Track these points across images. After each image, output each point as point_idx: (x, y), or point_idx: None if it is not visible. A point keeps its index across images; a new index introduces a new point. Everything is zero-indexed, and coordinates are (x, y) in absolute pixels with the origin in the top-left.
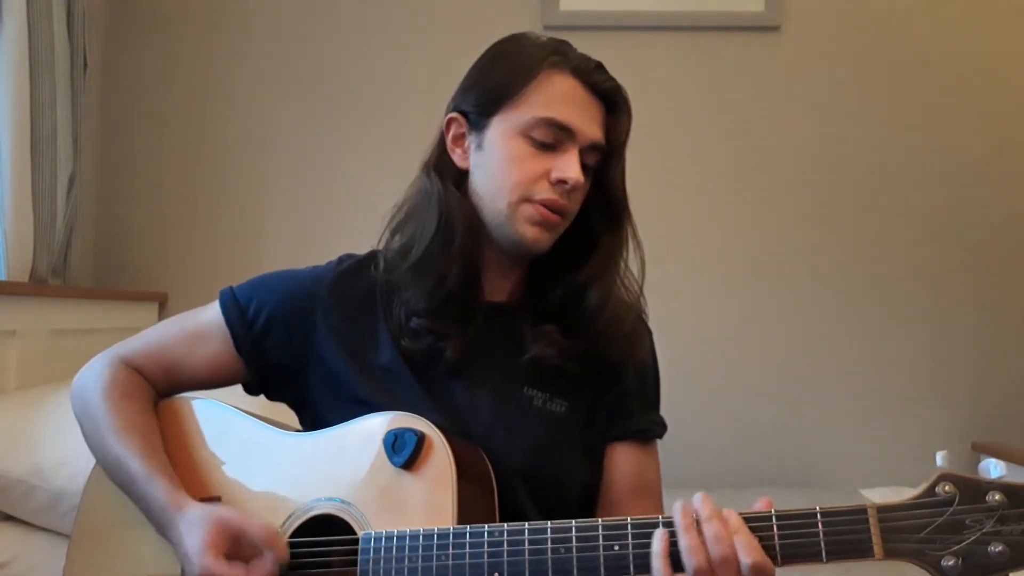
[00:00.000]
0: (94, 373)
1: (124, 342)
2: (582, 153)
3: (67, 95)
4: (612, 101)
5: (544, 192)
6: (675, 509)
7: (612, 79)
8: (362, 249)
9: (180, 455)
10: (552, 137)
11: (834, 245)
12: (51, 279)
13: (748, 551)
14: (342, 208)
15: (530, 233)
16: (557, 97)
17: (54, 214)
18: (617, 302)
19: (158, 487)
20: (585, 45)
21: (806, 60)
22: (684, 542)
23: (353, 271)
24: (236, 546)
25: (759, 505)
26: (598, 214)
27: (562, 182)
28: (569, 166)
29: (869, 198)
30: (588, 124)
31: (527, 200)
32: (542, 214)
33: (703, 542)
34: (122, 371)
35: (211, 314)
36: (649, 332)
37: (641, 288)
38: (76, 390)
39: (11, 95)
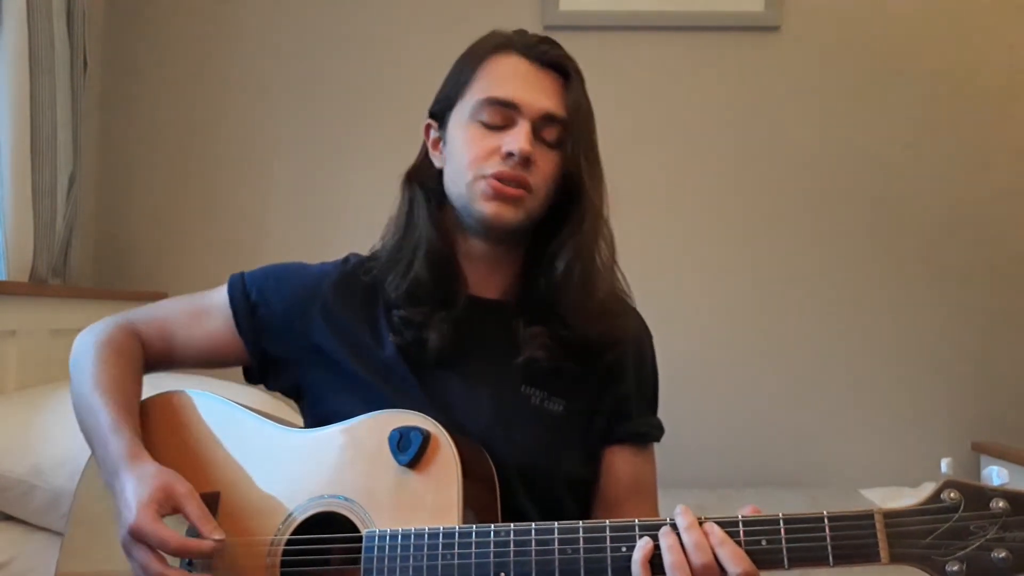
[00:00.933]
0: (95, 330)
1: (133, 310)
2: (537, 127)
3: (67, 95)
4: (564, 71)
5: (494, 166)
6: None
7: (556, 48)
8: (362, 247)
9: (182, 449)
10: (500, 117)
11: (834, 245)
12: (51, 279)
13: (736, 561)
14: (341, 208)
15: (489, 208)
16: (500, 77)
17: (54, 214)
18: (589, 275)
19: (122, 436)
20: (585, 45)
21: (806, 60)
22: (668, 559)
23: (357, 269)
24: (174, 515)
25: (745, 511)
26: (562, 189)
27: (509, 154)
28: (516, 138)
29: (869, 198)
30: (534, 96)
31: (480, 177)
32: (494, 187)
33: (686, 554)
34: (121, 333)
35: (218, 294)
36: (649, 334)
37: (614, 261)
38: (75, 345)
39: (11, 95)
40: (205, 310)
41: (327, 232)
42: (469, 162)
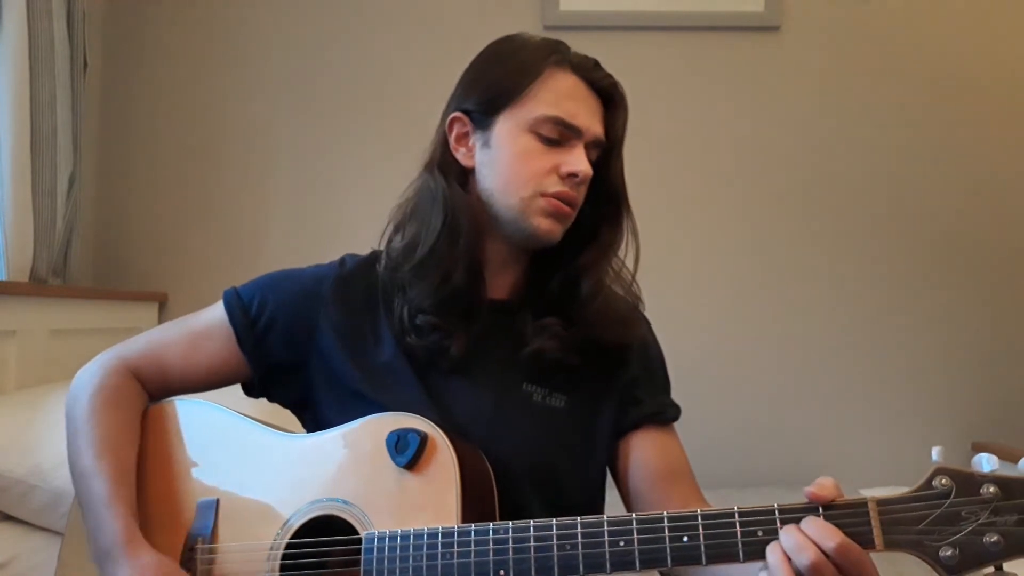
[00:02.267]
0: (88, 375)
1: (127, 341)
2: (586, 148)
3: (67, 95)
4: (610, 97)
5: (555, 185)
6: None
7: (610, 76)
8: (362, 248)
9: (179, 458)
10: (558, 133)
11: (834, 245)
12: (51, 279)
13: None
14: (341, 208)
15: (544, 225)
16: (562, 94)
17: (54, 214)
18: (609, 290)
19: (116, 515)
20: (585, 45)
21: (806, 60)
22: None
23: (355, 271)
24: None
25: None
26: (598, 207)
27: (573, 175)
28: (579, 160)
29: (869, 198)
30: (591, 121)
31: (540, 194)
32: (555, 206)
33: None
34: (115, 376)
35: (214, 313)
36: (647, 321)
37: (633, 277)
38: (71, 391)
39: (11, 95)
40: (203, 333)
41: (327, 232)
42: (528, 176)
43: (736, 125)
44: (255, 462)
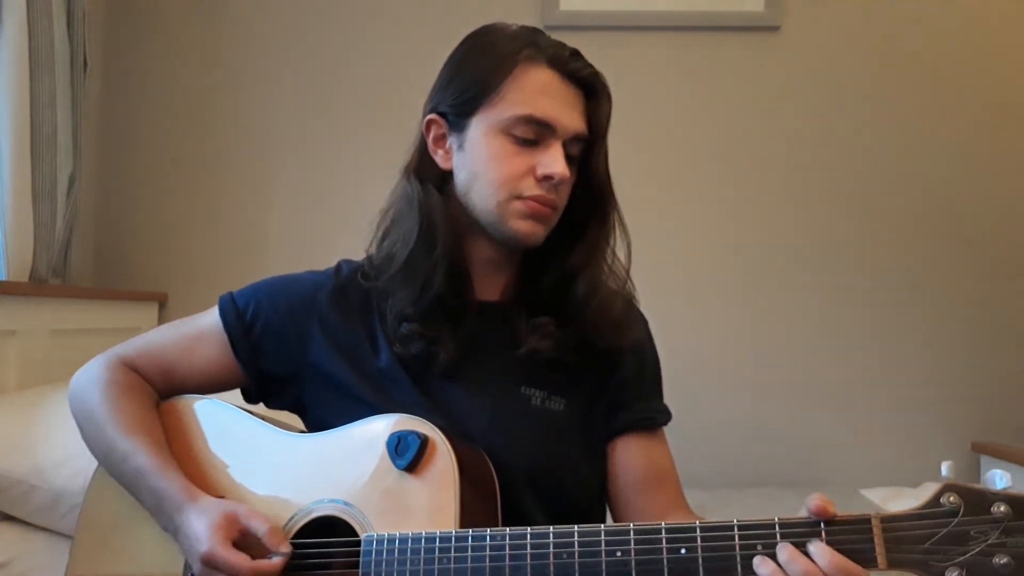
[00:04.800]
0: (92, 373)
1: (122, 344)
2: (565, 145)
3: (67, 95)
4: (591, 88)
5: (531, 189)
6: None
7: (589, 66)
8: (361, 251)
9: (183, 456)
10: (534, 133)
11: (833, 245)
12: (51, 279)
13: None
14: (342, 209)
15: (523, 227)
16: (535, 92)
17: (54, 214)
18: (605, 289)
19: (172, 478)
20: (585, 45)
21: (806, 60)
22: None
23: (350, 277)
24: (242, 538)
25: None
26: (584, 203)
27: (548, 178)
28: (554, 161)
29: (868, 198)
30: (568, 116)
31: (516, 197)
32: (533, 208)
33: None
34: (120, 371)
35: (210, 319)
36: (644, 320)
37: (628, 273)
38: (74, 390)
39: (11, 95)
40: (198, 337)
41: (328, 232)
42: (503, 180)
43: (736, 125)
44: (260, 461)
